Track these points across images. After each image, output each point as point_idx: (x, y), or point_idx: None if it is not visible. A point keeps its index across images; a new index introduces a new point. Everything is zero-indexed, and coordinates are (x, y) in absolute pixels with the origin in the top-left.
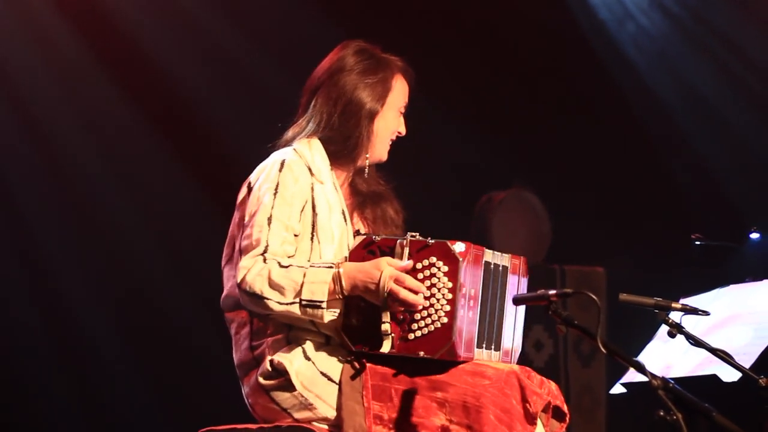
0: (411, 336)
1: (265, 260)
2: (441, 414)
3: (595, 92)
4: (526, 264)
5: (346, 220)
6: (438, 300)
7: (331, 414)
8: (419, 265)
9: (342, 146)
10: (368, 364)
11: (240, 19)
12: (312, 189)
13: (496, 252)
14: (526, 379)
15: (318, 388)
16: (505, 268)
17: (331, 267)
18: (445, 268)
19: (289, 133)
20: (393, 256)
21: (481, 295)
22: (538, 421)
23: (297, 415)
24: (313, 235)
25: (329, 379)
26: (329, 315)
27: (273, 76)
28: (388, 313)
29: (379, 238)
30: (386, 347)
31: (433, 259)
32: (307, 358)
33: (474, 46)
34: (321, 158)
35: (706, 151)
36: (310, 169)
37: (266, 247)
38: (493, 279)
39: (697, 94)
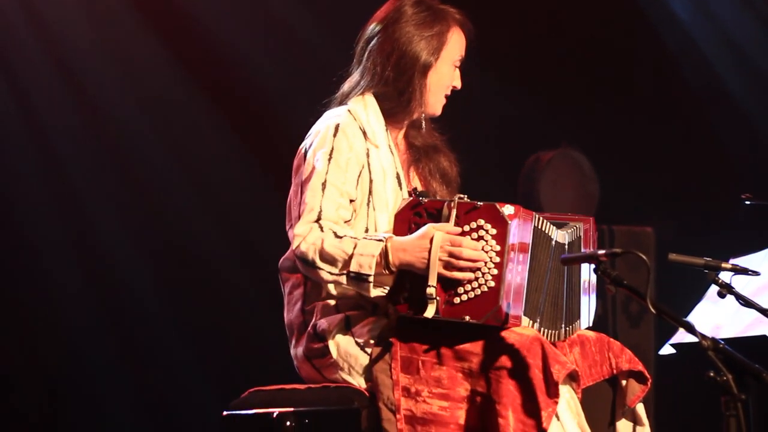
0: (456, 300)
1: (321, 228)
2: (466, 384)
3: (643, 53)
4: (595, 224)
5: (401, 185)
6: (485, 263)
7: (364, 385)
8: (467, 228)
9: (396, 102)
10: (395, 339)
11: None
12: (367, 155)
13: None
14: (550, 347)
15: (352, 359)
16: (570, 243)
17: (381, 241)
18: (494, 231)
19: (345, 87)
20: (440, 219)
21: (530, 261)
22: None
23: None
24: (369, 202)
25: (363, 350)
26: (377, 291)
27: (318, 38)
28: (435, 277)
29: (426, 200)
30: (430, 312)
31: (481, 222)
32: (348, 327)
33: (529, 7)
34: (376, 118)
35: (755, 110)
36: (364, 133)
37: (320, 212)
38: (555, 255)
39: (742, 51)
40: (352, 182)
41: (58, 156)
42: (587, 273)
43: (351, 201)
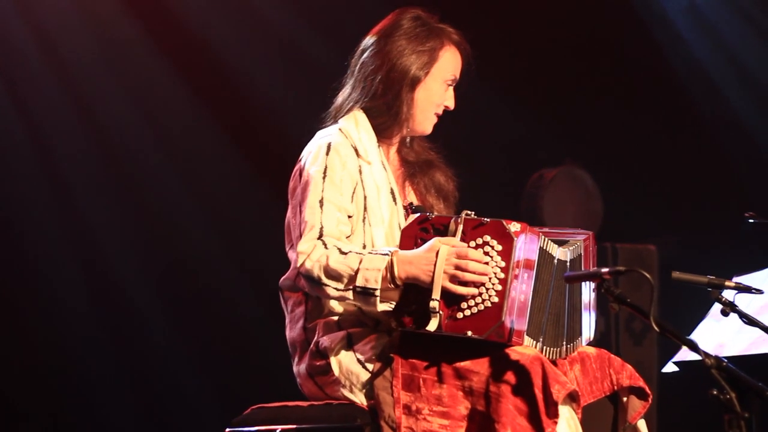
0: (460, 315)
1: (325, 244)
2: (466, 402)
3: (646, 70)
4: (594, 239)
5: (395, 200)
6: (489, 279)
7: (365, 403)
8: (473, 243)
9: (386, 117)
10: (396, 356)
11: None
12: (360, 171)
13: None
14: (551, 366)
15: (353, 377)
16: (572, 261)
17: (386, 255)
18: (499, 247)
19: (338, 100)
20: (446, 234)
21: (535, 282)
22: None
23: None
24: (364, 218)
25: (365, 367)
26: (383, 305)
27: (318, 49)
28: (439, 291)
29: (433, 216)
30: (433, 325)
31: (487, 238)
32: (350, 345)
33: (526, 21)
34: (367, 135)
35: (759, 127)
36: (356, 150)
37: (321, 229)
38: (557, 273)
39: (748, 70)
40: (347, 198)
41: (63, 174)
42: (588, 288)
43: (349, 217)
